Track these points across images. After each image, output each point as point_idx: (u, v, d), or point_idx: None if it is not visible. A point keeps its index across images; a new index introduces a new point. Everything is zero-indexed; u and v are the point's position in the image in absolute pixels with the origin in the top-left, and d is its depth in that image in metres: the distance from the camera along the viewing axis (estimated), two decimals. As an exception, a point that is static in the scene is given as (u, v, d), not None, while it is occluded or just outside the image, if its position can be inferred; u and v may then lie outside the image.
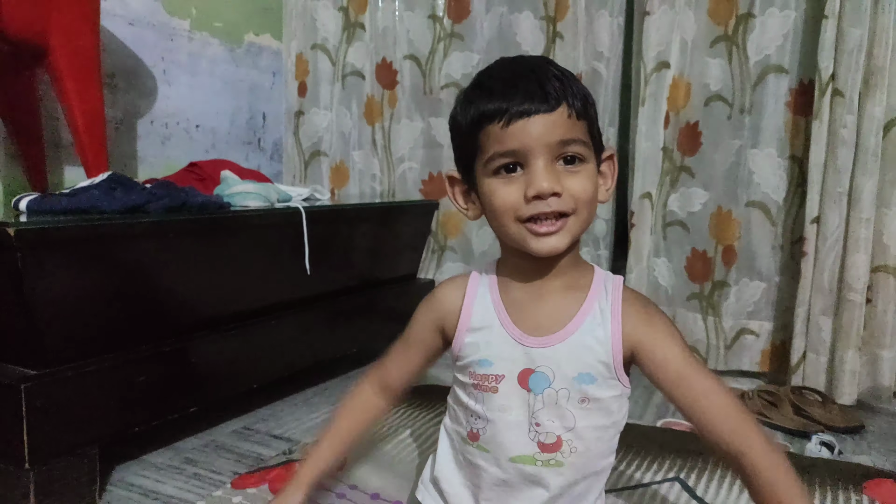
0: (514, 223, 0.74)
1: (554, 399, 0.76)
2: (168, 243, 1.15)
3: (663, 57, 1.72)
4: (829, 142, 1.53)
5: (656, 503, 1.04)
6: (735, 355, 1.75)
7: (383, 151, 2.16)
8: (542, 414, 0.76)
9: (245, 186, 1.45)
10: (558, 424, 0.76)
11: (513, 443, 0.77)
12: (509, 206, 0.73)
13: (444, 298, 0.86)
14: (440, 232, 2.11)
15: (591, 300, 0.78)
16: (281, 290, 1.44)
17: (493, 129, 0.72)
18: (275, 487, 1.04)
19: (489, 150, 0.73)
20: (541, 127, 0.71)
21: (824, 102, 1.52)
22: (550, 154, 0.72)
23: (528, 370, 0.76)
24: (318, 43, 2.19)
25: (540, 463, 0.76)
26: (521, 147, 0.71)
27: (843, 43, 1.49)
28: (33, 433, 0.94)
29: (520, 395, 0.77)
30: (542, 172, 0.71)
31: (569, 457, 0.76)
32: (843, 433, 1.39)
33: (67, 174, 1.61)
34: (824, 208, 1.54)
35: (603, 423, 0.77)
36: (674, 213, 1.81)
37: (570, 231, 0.74)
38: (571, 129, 0.72)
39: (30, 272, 0.93)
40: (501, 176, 0.74)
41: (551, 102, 0.71)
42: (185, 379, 1.19)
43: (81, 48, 1.40)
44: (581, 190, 0.73)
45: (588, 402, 0.76)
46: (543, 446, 0.76)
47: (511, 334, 0.78)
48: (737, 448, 0.73)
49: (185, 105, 1.93)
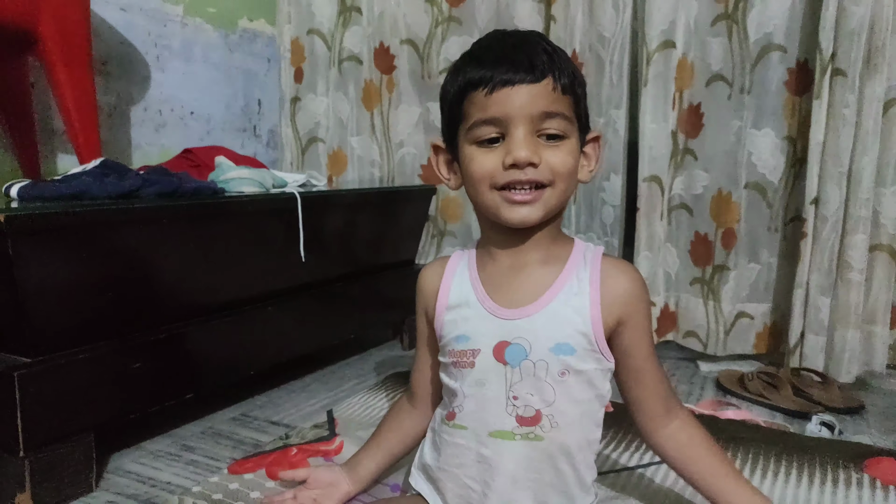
0: (490, 190, 0.74)
1: (531, 371, 0.75)
2: (161, 229, 1.14)
3: (667, 36, 1.69)
4: (830, 122, 1.51)
5: (657, 482, 1.04)
6: (733, 340, 1.74)
7: (382, 137, 2.15)
8: (520, 387, 0.75)
9: (240, 172, 1.44)
10: (537, 398, 0.75)
11: (491, 417, 0.77)
12: (486, 173, 0.74)
13: (423, 284, 0.87)
14: (440, 217, 2.10)
15: (568, 270, 0.78)
16: (278, 276, 1.43)
17: (477, 96, 0.73)
18: (272, 473, 1.04)
19: (472, 116, 0.74)
20: (524, 96, 0.71)
21: (825, 82, 1.50)
22: (532, 125, 0.72)
23: (504, 342, 0.76)
24: (313, 28, 2.17)
25: (519, 437, 0.76)
26: (503, 115, 0.72)
27: (845, 22, 1.47)
28: (27, 421, 0.93)
29: (496, 369, 0.76)
30: (521, 141, 0.71)
31: (549, 431, 0.75)
32: (843, 413, 1.38)
33: (60, 162, 1.60)
34: (824, 188, 1.53)
35: (585, 396, 0.77)
36: (679, 197, 1.78)
37: (546, 204, 0.74)
38: (555, 102, 0.72)
39: (21, 259, 0.92)
40: (483, 146, 0.74)
41: (536, 73, 0.71)
42: (180, 366, 1.19)
43: (72, 34, 1.39)
44: (560, 163, 0.73)
45: (568, 374, 0.75)
46: (522, 420, 0.76)
47: (487, 308, 0.78)
48: (670, 410, 0.82)
49: (180, 92, 1.91)
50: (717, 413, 1.35)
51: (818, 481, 1.06)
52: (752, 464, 1.11)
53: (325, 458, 1.08)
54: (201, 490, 1.00)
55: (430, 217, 2.08)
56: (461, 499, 0.80)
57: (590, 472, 0.82)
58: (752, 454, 1.14)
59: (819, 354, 1.57)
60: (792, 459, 1.12)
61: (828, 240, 1.53)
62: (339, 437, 1.17)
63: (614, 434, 1.20)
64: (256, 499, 0.97)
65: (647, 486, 1.03)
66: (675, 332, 1.81)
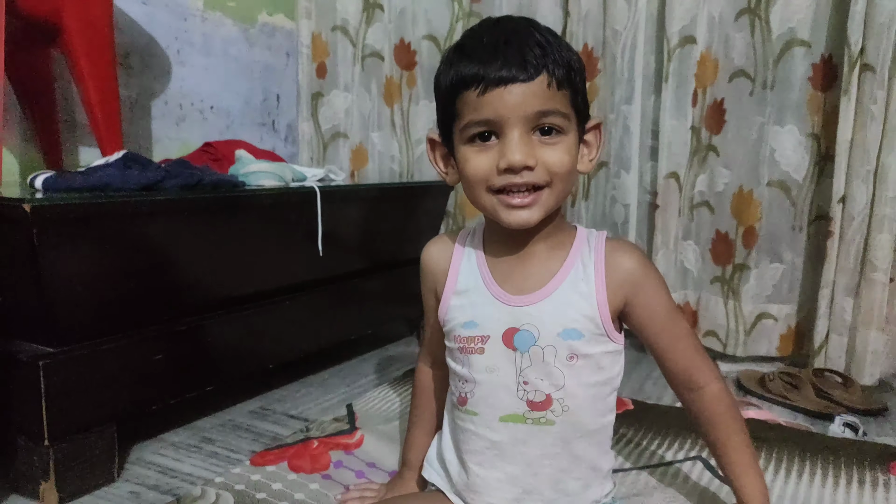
0: (486, 193, 0.73)
1: (540, 357, 0.75)
2: (183, 221, 1.14)
3: (688, 32, 1.67)
4: (857, 118, 1.49)
5: (679, 480, 1.03)
6: (754, 341, 1.71)
7: (402, 132, 2.15)
8: (530, 372, 0.76)
9: (260, 165, 1.44)
10: (547, 383, 0.75)
11: (502, 402, 0.77)
12: (481, 176, 0.73)
13: (430, 263, 0.87)
14: (458, 213, 2.09)
15: (572, 257, 0.78)
16: (297, 270, 1.43)
17: (469, 96, 0.71)
18: (294, 465, 1.04)
19: (465, 117, 0.72)
20: (518, 96, 0.69)
21: (853, 77, 1.48)
22: (526, 125, 0.70)
23: (513, 329, 0.76)
24: (338, 24, 2.17)
25: (530, 421, 0.76)
26: (496, 117, 0.70)
27: (875, 16, 1.44)
28: (52, 410, 0.94)
29: (506, 355, 0.77)
30: (515, 144, 0.70)
31: (560, 415, 0.76)
32: (865, 415, 1.37)
33: (83, 154, 1.61)
34: (851, 187, 1.50)
35: (595, 379, 0.77)
36: (701, 194, 1.76)
37: (544, 205, 0.73)
38: (550, 99, 0.70)
39: (46, 249, 0.93)
40: (476, 144, 0.73)
41: (530, 71, 0.69)
42: (201, 358, 1.19)
43: (96, 26, 1.40)
44: (556, 162, 0.72)
45: (577, 358, 0.75)
46: (533, 404, 0.76)
47: (495, 295, 0.78)
48: (696, 383, 0.81)
49: (200, 86, 1.91)
50: (738, 412, 1.33)
51: (843, 482, 1.04)
52: (776, 464, 1.10)
53: (345, 452, 1.08)
54: (224, 481, 1.00)
55: (448, 213, 2.07)
56: (473, 485, 0.80)
57: (605, 458, 0.82)
58: (775, 454, 1.13)
59: (841, 355, 1.55)
60: (816, 460, 1.11)
61: (853, 239, 1.51)
62: (359, 431, 1.17)
63: (635, 432, 1.19)
64: (278, 490, 0.97)
65: (670, 484, 1.02)
66: (696, 330, 1.79)
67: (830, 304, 1.55)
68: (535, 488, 0.77)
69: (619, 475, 1.03)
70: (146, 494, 1.01)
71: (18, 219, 0.90)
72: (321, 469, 1.03)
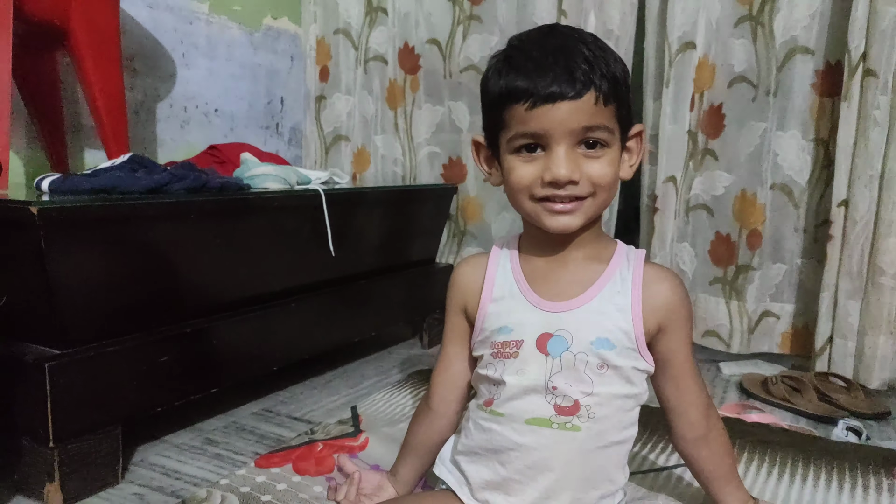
0: (530, 201, 0.76)
1: (572, 363, 0.76)
2: (189, 224, 1.14)
3: (689, 37, 1.68)
4: (860, 123, 1.49)
5: (682, 485, 1.03)
6: (757, 339, 1.73)
7: (405, 136, 2.15)
8: (559, 377, 0.76)
9: (265, 169, 1.45)
10: (576, 389, 0.76)
11: (529, 405, 0.77)
12: (525, 185, 0.75)
13: (462, 279, 0.87)
14: (460, 217, 2.10)
15: (611, 269, 0.79)
16: (300, 272, 1.43)
17: (517, 110, 0.73)
18: (298, 467, 1.04)
19: (512, 128, 0.74)
20: (565, 113, 0.71)
21: (854, 82, 1.48)
22: (573, 139, 0.72)
23: (547, 334, 0.77)
24: (340, 28, 2.18)
25: (556, 426, 0.76)
26: (544, 131, 0.72)
27: (877, 21, 1.45)
28: (57, 411, 0.94)
29: (537, 359, 0.77)
30: (561, 159, 0.72)
31: (586, 422, 0.76)
32: (868, 419, 1.37)
33: (88, 157, 1.62)
34: (853, 191, 1.51)
35: (623, 391, 0.78)
36: (697, 197, 1.78)
37: (586, 212, 0.75)
38: (596, 115, 0.72)
39: (52, 251, 0.93)
40: (522, 155, 0.75)
41: (577, 87, 0.71)
42: (206, 360, 1.19)
43: (102, 29, 1.40)
44: (600, 175, 0.74)
45: (606, 368, 0.76)
46: (560, 409, 0.76)
47: (530, 301, 0.79)
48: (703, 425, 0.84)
49: (204, 89, 1.92)
50: (741, 416, 1.33)
51: (847, 486, 1.04)
52: (780, 467, 1.10)
53: (350, 454, 1.08)
54: (229, 483, 1.00)
55: (450, 216, 2.08)
56: (490, 485, 0.80)
57: (621, 472, 0.82)
58: (779, 458, 1.13)
59: (848, 359, 1.55)
60: (820, 464, 1.11)
61: (856, 243, 1.51)
62: (364, 434, 1.17)
63: (640, 434, 1.19)
64: (283, 492, 0.97)
65: (675, 487, 1.02)
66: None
67: (834, 307, 1.55)
68: (554, 494, 0.77)
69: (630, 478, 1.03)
70: (150, 496, 1.01)
71: (25, 221, 0.90)
72: (326, 471, 1.04)
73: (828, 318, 1.56)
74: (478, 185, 2.07)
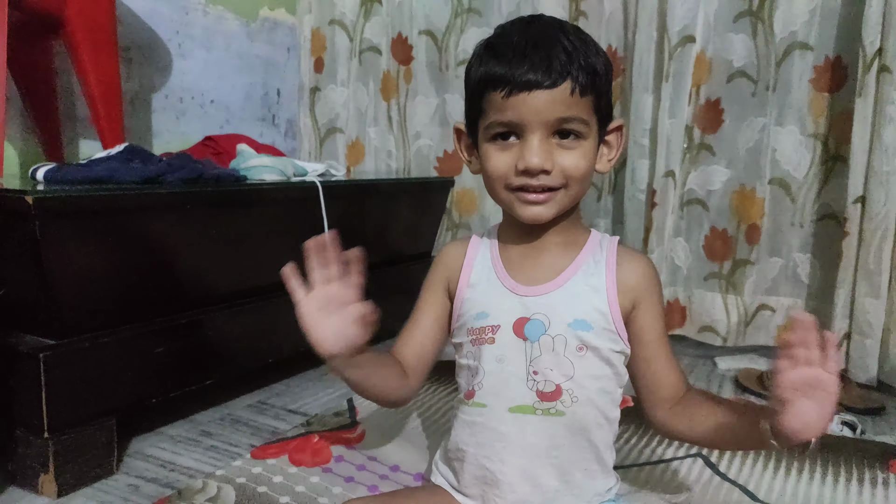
0: (504, 190, 0.77)
1: (551, 346, 0.76)
2: (185, 215, 1.14)
3: (689, 31, 1.68)
4: (876, 120, 1.47)
5: (679, 477, 1.03)
6: (752, 332, 1.74)
7: (399, 128, 2.14)
8: (540, 362, 0.76)
9: (261, 160, 1.44)
10: (557, 373, 0.76)
11: (512, 393, 0.77)
12: (500, 174, 0.76)
13: (447, 258, 0.88)
14: (455, 210, 2.09)
15: (585, 253, 0.81)
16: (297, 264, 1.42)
17: (494, 97, 0.73)
18: (295, 459, 1.04)
19: (489, 116, 0.75)
20: (540, 103, 0.71)
21: (869, 78, 1.47)
22: (547, 129, 0.73)
23: (524, 318, 0.78)
24: (335, 18, 2.17)
25: (540, 412, 0.76)
26: (519, 120, 0.73)
27: (892, 17, 1.43)
28: (52, 402, 0.94)
29: (516, 345, 0.77)
30: (534, 148, 0.72)
31: (569, 406, 0.76)
32: (863, 414, 1.37)
33: (83, 147, 1.61)
34: (869, 188, 1.49)
35: (602, 372, 0.78)
36: (692, 192, 1.78)
37: (558, 203, 0.76)
38: (572, 106, 0.72)
39: (48, 241, 0.93)
40: (497, 143, 0.76)
41: (554, 77, 0.71)
42: (201, 352, 1.19)
43: (98, 19, 1.40)
44: (573, 166, 0.74)
45: (585, 349, 0.76)
46: (543, 395, 0.76)
47: (506, 285, 0.80)
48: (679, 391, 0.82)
49: (200, 80, 1.91)
50: (737, 410, 1.34)
51: (843, 480, 1.05)
52: (776, 460, 1.10)
53: (346, 447, 1.08)
54: (225, 474, 1.00)
55: (445, 209, 2.07)
56: (479, 479, 0.80)
57: (610, 453, 0.82)
58: (775, 452, 1.13)
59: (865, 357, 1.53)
60: (816, 457, 1.11)
61: (872, 240, 1.50)
62: (360, 426, 1.17)
63: (635, 429, 1.20)
64: (279, 483, 0.97)
65: (670, 481, 1.02)
66: (686, 326, 1.81)
67: (851, 304, 1.55)
68: (542, 480, 0.77)
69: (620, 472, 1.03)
70: (145, 487, 1.00)
71: (21, 211, 0.90)
72: (322, 462, 1.03)
73: (844, 316, 1.55)
74: (473, 177, 2.06)
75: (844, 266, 1.54)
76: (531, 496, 0.77)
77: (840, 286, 1.55)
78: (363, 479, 1.00)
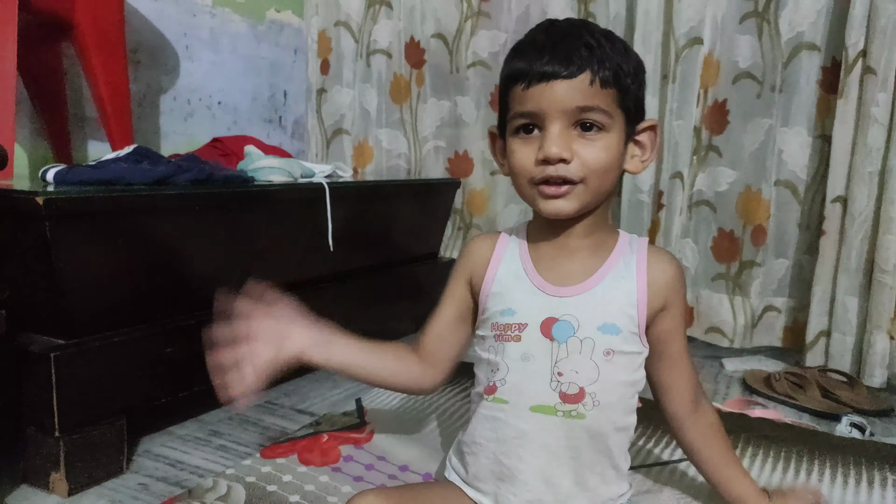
0: (528, 185, 0.77)
1: (578, 348, 0.76)
2: (194, 216, 1.14)
3: (696, 32, 1.68)
4: (859, 120, 1.49)
5: (688, 478, 1.03)
6: (759, 333, 1.74)
7: (410, 130, 2.15)
8: (565, 363, 0.76)
9: (269, 161, 1.45)
10: (582, 376, 0.76)
11: (534, 392, 0.77)
12: (524, 168, 0.76)
13: (474, 251, 0.87)
14: (466, 210, 2.10)
15: (616, 255, 0.80)
16: (305, 265, 1.43)
17: (517, 90, 0.74)
18: (304, 458, 1.04)
19: (512, 109, 0.76)
20: (559, 92, 0.72)
21: (851, 80, 1.48)
22: (567, 119, 0.73)
23: (552, 319, 0.77)
24: (341, 20, 2.18)
25: (561, 413, 0.76)
26: (539, 110, 0.73)
27: (877, 18, 1.45)
28: (63, 401, 0.94)
29: (543, 344, 0.77)
30: (553, 137, 0.73)
31: (591, 410, 0.76)
32: (871, 415, 1.37)
33: (91, 149, 1.62)
34: (852, 188, 1.51)
35: (626, 378, 0.78)
36: (701, 193, 1.78)
37: (579, 198, 0.75)
38: (593, 96, 0.72)
39: (58, 242, 0.93)
40: (520, 136, 0.76)
41: (572, 68, 0.72)
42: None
43: (106, 21, 1.41)
44: (593, 159, 0.74)
45: (612, 354, 0.76)
46: (565, 397, 0.76)
47: (535, 284, 0.80)
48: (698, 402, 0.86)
49: (208, 81, 1.92)
50: (745, 412, 1.34)
51: (853, 481, 1.05)
52: (785, 462, 1.10)
53: (355, 446, 1.09)
54: (235, 472, 1.00)
55: (457, 210, 2.08)
56: (494, 475, 0.80)
57: (624, 459, 0.82)
58: (784, 453, 1.13)
59: (846, 355, 1.56)
60: (825, 459, 1.11)
61: (854, 239, 1.51)
62: (369, 426, 1.17)
63: (644, 429, 1.20)
64: (288, 482, 0.97)
65: (680, 481, 1.02)
66: (694, 327, 1.81)
67: (831, 302, 1.56)
68: (557, 480, 0.77)
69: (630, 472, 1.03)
70: (155, 486, 1.01)
71: (31, 212, 0.90)
72: (331, 462, 1.04)
73: (820, 313, 1.57)
74: (484, 178, 2.07)
75: (821, 264, 1.56)
76: (545, 495, 0.77)
77: (818, 283, 1.57)
78: (372, 479, 1.00)
